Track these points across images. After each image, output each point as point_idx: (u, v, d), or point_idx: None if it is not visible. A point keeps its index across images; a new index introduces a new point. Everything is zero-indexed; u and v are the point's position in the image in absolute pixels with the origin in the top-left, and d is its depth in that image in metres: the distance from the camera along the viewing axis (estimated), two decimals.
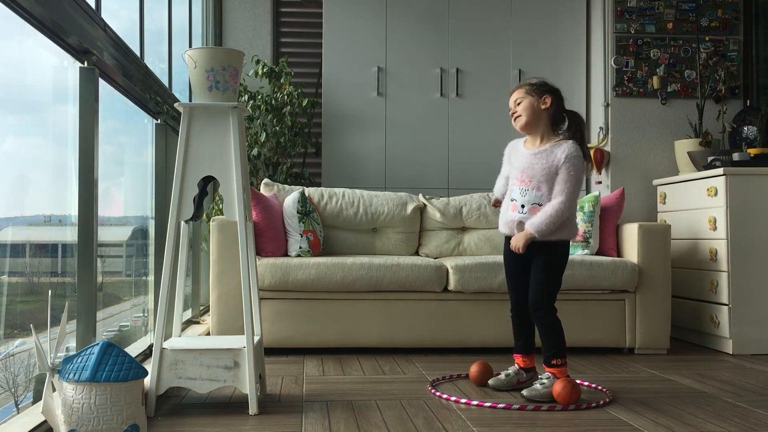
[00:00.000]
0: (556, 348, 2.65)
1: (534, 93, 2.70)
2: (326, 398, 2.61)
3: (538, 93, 2.70)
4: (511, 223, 2.71)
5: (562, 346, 2.66)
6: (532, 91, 2.70)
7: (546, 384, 2.61)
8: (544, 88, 2.71)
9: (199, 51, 2.45)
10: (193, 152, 2.45)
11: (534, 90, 2.70)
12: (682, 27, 4.73)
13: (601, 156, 4.71)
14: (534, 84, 2.73)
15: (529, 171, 2.67)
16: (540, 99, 2.69)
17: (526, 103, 2.70)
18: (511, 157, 2.80)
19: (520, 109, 2.71)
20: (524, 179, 2.68)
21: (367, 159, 4.87)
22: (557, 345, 2.66)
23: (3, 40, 2.09)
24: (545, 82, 2.74)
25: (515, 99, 2.73)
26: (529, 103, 2.69)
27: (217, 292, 3.49)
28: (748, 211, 3.71)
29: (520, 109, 2.71)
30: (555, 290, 2.71)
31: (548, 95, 2.69)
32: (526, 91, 2.72)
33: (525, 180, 2.68)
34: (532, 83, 2.74)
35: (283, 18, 5.11)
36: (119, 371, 1.83)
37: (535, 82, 2.74)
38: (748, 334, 3.68)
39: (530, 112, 2.69)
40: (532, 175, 2.67)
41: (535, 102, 2.69)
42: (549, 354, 2.66)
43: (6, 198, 2.11)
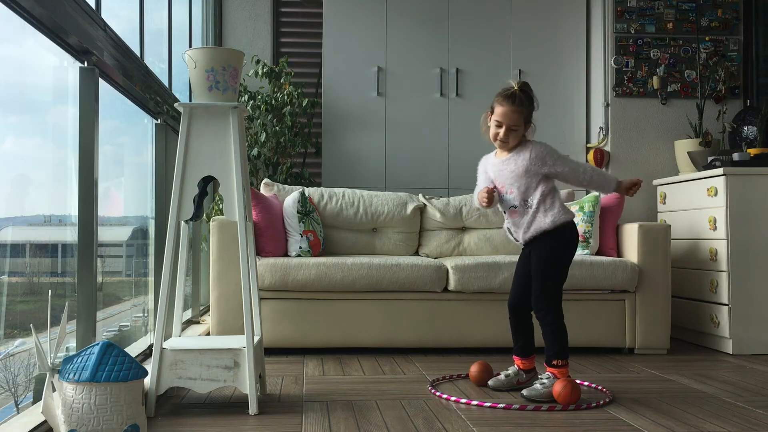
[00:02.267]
0: (559, 349, 2.65)
1: (528, 119, 2.68)
2: (326, 398, 2.61)
3: (529, 118, 2.69)
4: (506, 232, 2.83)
5: (565, 347, 2.66)
6: (526, 120, 2.67)
7: (546, 384, 2.61)
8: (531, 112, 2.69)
9: (199, 51, 2.45)
10: (193, 152, 2.45)
11: (527, 118, 2.68)
12: (682, 27, 4.73)
13: (601, 156, 4.71)
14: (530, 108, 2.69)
15: (500, 178, 2.73)
16: (528, 122, 2.69)
17: (519, 133, 2.67)
18: (487, 169, 2.82)
19: (511, 139, 2.67)
20: (501, 187, 2.74)
21: (367, 159, 4.87)
22: (560, 346, 2.65)
23: (3, 40, 2.09)
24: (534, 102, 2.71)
25: (513, 123, 2.65)
26: (520, 134, 2.68)
27: (217, 292, 3.49)
28: (748, 211, 3.71)
29: (511, 138, 2.67)
30: (556, 285, 2.69)
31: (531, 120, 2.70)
32: (524, 119, 2.67)
33: (501, 187, 2.74)
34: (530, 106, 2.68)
35: (283, 18, 5.11)
36: (119, 371, 1.83)
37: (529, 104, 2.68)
38: (748, 334, 3.68)
39: (518, 140, 2.69)
40: (502, 182, 2.72)
41: (524, 130, 2.69)
42: (551, 354, 2.66)
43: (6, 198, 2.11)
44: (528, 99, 2.68)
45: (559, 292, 2.70)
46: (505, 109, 2.66)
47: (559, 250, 2.71)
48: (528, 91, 2.70)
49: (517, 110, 2.65)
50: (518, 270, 2.83)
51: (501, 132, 2.67)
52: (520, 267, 2.82)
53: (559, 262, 2.71)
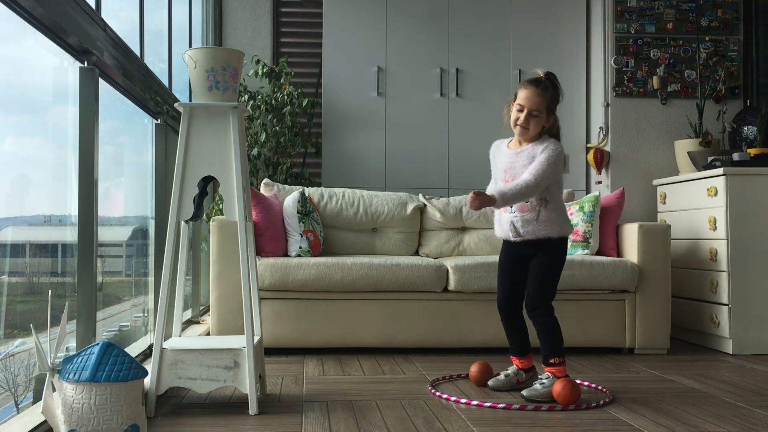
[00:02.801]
0: (554, 346, 2.65)
1: (550, 110, 2.64)
2: (326, 398, 2.61)
3: (552, 111, 2.65)
4: (506, 225, 2.73)
5: (560, 344, 2.66)
6: (550, 109, 2.63)
7: (546, 384, 2.61)
8: (555, 103, 2.65)
9: (199, 51, 2.45)
10: (193, 152, 2.45)
11: (551, 107, 2.64)
12: (682, 27, 4.73)
13: (601, 156, 4.71)
14: (554, 98, 2.65)
15: (511, 171, 2.69)
16: (549, 118, 2.65)
17: (538, 122, 2.63)
18: (496, 158, 2.79)
19: (531, 125, 2.62)
20: (507, 179, 2.69)
21: (367, 159, 4.87)
22: (555, 343, 2.66)
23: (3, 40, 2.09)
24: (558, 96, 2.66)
25: (536, 107, 2.61)
26: (540, 122, 2.63)
27: (217, 292, 3.49)
28: (748, 211, 3.71)
29: (532, 125, 2.62)
30: (553, 288, 2.71)
31: (554, 112, 2.67)
32: (546, 106, 2.62)
33: (508, 180, 2.68)
34: (554, 93, 2.65)
35: (283, 18, 5.11)
36: (119, 371, 1.83)
37: (552, 93, 2.64)
38: (748, 334, 3.68)
39: (536, 130, 2.64)
40: (513, 173, 2.67)
41: (546, 120, 2.65)
42: (547, 353, 2.66)
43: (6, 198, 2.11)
44: (553, 86, 2.65)
45: (554, 293, 2.72)
46: (528, 92, 2.62)
47: (560, 256, 2.74)
48: (553, 80, 2.67)
49: (540, 94, 2.61)
50: (505, 272, 2.81)
51: (522, 116, 2.63)
52: (507, 269, 2.80)
53: (560, 268, 2.74)
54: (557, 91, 2.66)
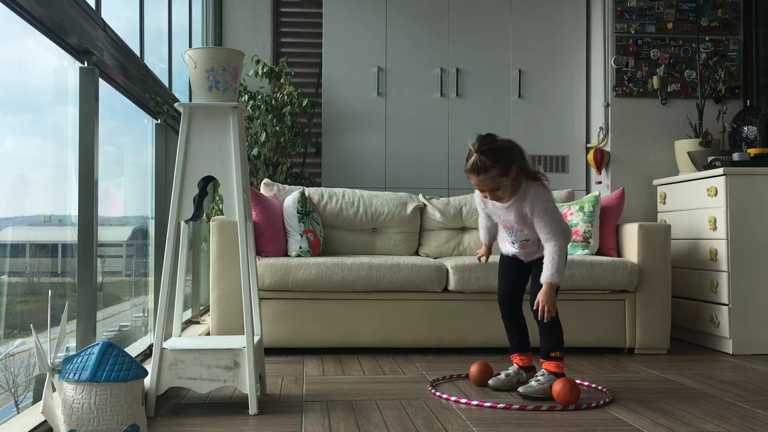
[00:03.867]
0: (555, 340, 2.68)
1: (505, 173, 2.53)
2: (326, 398, 2.61)
3: (506, 170, 2.53)
4: (510, 251, 2.83)
5: (559, 338, 2.69)
6: (503, 173, 2.52)
7: (542, 381, 2.61)
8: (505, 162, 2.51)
9: (199, 51, 2.45)
10: (193, 152, 2.45)
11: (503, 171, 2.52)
12: (682, 27, 4.73)
13: (601, 156, 4.71)
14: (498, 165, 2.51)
15: (508, 221, 2.71)
16: (509, 173, 2.55)
17: (505, 187, 2.57)
18: (486, 205, 2.77)
19: (501, 195, 2.59)
20: (506, 225, 2.75)
21: (367, 159, 4.87)
22: (556, 337, 2.68)
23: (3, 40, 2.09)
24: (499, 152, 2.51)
25: (491, 187, 2.55)
26: (506, 184, 2.57)
27: (217, 292, 3.49)
28: (748, 211, 3.71)
29: (500, 194, 2.58)
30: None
31: (513, 165, 2.54)
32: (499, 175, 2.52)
33: (507, 226, 2.74)
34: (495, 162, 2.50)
35: (283, 18, 5.11)
36: (119, 371, 1.83)
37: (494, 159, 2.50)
38: (748, 334, 3.68)
39: (510, 190, 2.60)
40: (511, 223, 2.71)
41: (509, 179, 2.56)
42: (548, 347, 2.68)
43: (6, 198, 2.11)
44: (493, 157, 2.50)
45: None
46: (475, 180, 2.57)
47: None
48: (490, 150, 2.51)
49: (484, 177, 2.53)
50: (506, 269, 2.87)
51: (489, 196, 2.62)
52: (509, 265, 2.85)
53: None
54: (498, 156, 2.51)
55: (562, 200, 4.18)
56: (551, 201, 2.64)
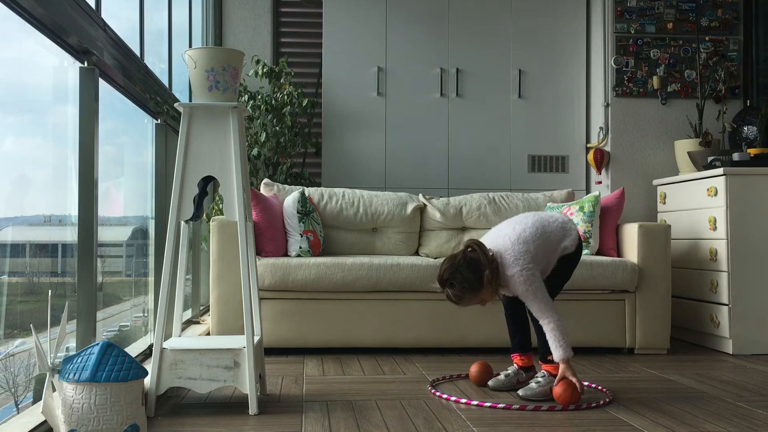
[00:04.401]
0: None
1: (478, 289, 2.52)
2: (326, 398, 2.61)
3: (480, 285, 2.52)
4: None
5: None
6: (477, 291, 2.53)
7: (542, 382, 2.61)
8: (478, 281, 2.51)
9: (199, 51, 2.45)
10: (193, 152, 2.45)
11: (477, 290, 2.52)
12: (682, 27, 4.73)
13: (601, 156, 4.71)
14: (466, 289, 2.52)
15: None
16: (483, 288, 2.53)
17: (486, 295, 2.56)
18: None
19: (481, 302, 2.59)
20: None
21: (367, 159, 4.87)
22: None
23: (3, 40, 2.09)
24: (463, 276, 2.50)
25: (477, 303, 2.58)
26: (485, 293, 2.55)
27: (217, 292, 3.49)
28: (748, 211, 3.71)
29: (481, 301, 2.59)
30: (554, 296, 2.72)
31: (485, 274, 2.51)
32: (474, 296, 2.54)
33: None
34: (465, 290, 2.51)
35: (283, 18, 5.11)
36: (119, 371, 1.83)
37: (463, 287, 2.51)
38: (748, 334, 3.68)
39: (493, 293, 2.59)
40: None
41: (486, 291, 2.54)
42: (544, 351, 2.66)
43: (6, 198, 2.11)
44: (461, 285, 2.51)
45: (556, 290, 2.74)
46: (451, 302, 2.60)
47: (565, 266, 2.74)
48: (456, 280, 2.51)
49: (464, 305, 2.58)
50: None
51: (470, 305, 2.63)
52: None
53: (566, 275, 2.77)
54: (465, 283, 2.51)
55: (562, 200, 4.18)
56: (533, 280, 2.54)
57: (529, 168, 4.93)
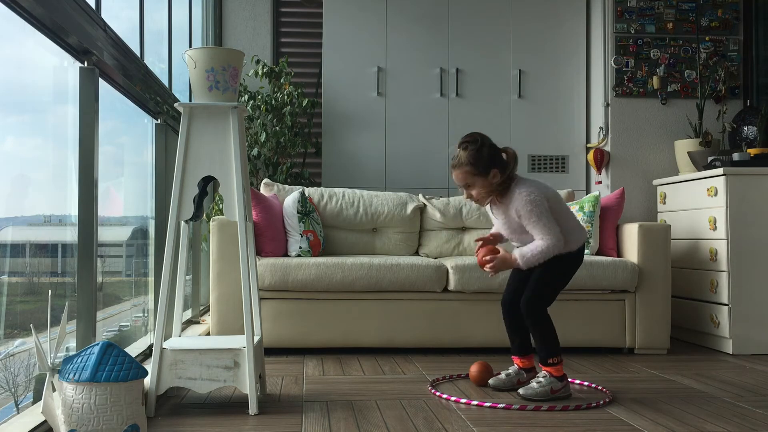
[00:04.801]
0: (550, 347, 2.66)
1: (481, 173, 2.55)
2: (326, 398, 2.61)
3: (485, 170, 2.54)
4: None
5: (555, 344, 2.67)
6: (478, 172, 2.55)
7: (543, 383, 2.61)
8: (485, 161, 2.54)
9: (199, 51, 2.45)
10: (193, 152, 2.45)
11: (480, 170, 2.54)
12: (682, 27, 4.73)
13: (601, 156, 4.71)
14: (475, 161, 2.54)
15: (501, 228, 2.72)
16: (488, 175, 2.55)
17: (479, 188, 2.57)
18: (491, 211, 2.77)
19: (475, 195, 2.59)
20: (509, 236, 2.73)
21: (367, 159, 4.87)
22: (550, 343, 2.67)
23: (3, 40, 2.09)
24: (480, 149, 2.54)
25: (463, 184, 2.59)
26: (481, 186, 2.57)
27: (217, 292, 3.49)
28: (748, 211, 3.71)
29: (474, 194, 2.59)
30: (550, 297, 2.71)
31: (492, 169, 2.54)
32: (473, 173, 2.55)
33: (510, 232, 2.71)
34: (472, 158, 2.54)
35: (283, 18, 5.11)
36: (119, 371, 1.83)
37: (473, 156, 2.54)
38: (748, 334, 3.68)
39: (485, 193, 2.59)
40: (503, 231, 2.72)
41: (485, 181, 2.56)
42: (544, 354, 2.67)
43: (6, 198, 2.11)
44: (471, 154, 2.54)
45: (550, 296, 2.72)
46: (453, 174, 2.62)
47: (563, 269, 2.72)
48: (469, 142, 2.56)
49: (457, 170, 2.58)
50: (513, 272, 2.85)
51: (465, 194, 2.63)
52: (515, 270, 2.82)
53: (561, 279, 2.74)
54: (476, 155, 2.54)
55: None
56: (539, 203, 2.55)
57: (529, 168, 4.93)
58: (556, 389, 2.62)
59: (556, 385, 2.62)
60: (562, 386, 2.63)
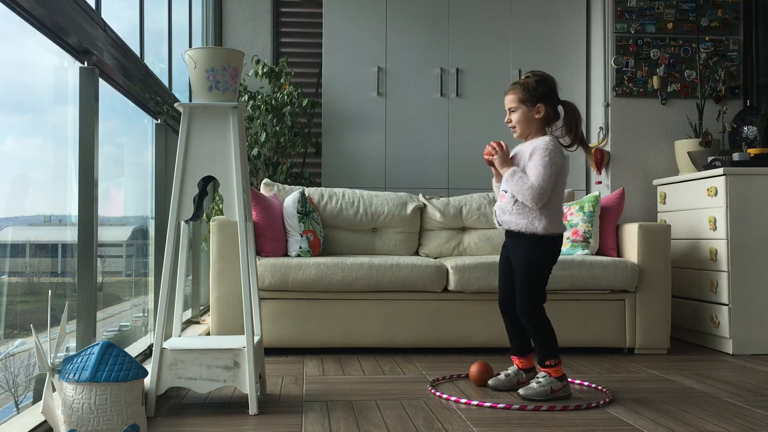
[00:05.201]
0: (548, 348, 2.66)
1: (528, 102, 2.64)
2: (326, 398, 2.61)
3: (532, 101, 2.64)
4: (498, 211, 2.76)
5: (553, 345, 2.67)
6: (526, 99, 2.64)
7: (542, 383, 2.61)
8: (537, 94, 2.64)
9: (199, 51, 2.45)
10: (193, 152, 2.45)
11: (528, 98, 2.64)
12: (682, 27, 4.73)
13: (601, 156, 4.71)
14: (529, 88, 2.65)
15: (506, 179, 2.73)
16: (533, 108, 2.64)
17: (520, 114, 2.66)
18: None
19: (514, 120, 2.68)
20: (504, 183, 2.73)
21: (367, 159, 4.87)
22: (548, 345, 2.66)
23: (3, 40, 2.09)
24: (539, 82, 2.65)
25: (509, 106, 2.69)
26: (523, 114, 2.65)
27: (217, 292, 3.49)
28: (748, 211, 3.71)
29: (514, 120, 2.68)
30: (539, 291, 2.69)
31: (542, 104, 2.64)
32: (520, 99, 2.65)
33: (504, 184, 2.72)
34: (528, 85, 2.65)
35: (283, 18, 5.11)
36: (119, 371, 1.83)
37: (530, 84, 2.65)
38: (748, 334, 3.68)
39: (524, 124, 2.67)
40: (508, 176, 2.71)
41: (528, 112, 2.65)
42: (541, 355, 2.67)
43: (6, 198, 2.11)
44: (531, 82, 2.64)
45: (540, 293, 2.70)
46: (505, 96, 2.72)
47: (537, 254, 2.69)
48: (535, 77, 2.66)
49: (510, 92, 2.68)
50: (501, 273, 2.84)
51: (507, 116, 2.71)
52: (502, 270, 2.82)
53: (538, 265, 2.70)
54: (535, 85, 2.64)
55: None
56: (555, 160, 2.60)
57: None
58: (557, 389, 2.62)
59: (556, 385, 2.62)
60: (562, 386, 2.63)
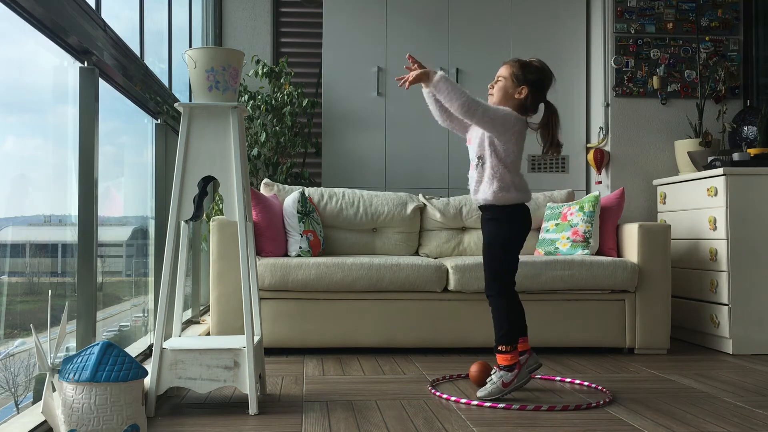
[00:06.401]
0: (505, 333, 2.62)
1: (516, 78, 2.67)
2: (326, 398, 2.61)
3: (520, 80, 2.66)
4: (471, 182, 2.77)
5: (513, 330, 2.61)
6: (517, 76, 2.67)
7: (494, 380, 2.59)
8: (529, 77, 2.66)
9: (199, 51, 2.45)
10: (193, 152, 2.45)
11: (519, 75, 2.67)
12: (682, 27, 4.73)
13: (601, 156, 4.71)
14: (524, 68, 2.68)
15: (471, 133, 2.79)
16: (518, 87, 2.67)
17: (502, 85, 2.69)
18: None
19: (496, 88, 2.71)
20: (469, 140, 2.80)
21: (367, 159, 4.87)
22: (506, 330, 2.61)
23: (3, 40, 2.09)
24: (537, 70, 2.67)
25: (499, 74, 2.72)
26: (505, 87, 2.68)
27: (217, 292, 3.49)
28: (748, 211, 3.71)
29: (495, 87, 2.71)
30: (507, 266, 2.66)
31: (526, 87, 2.66)
32: (512, 73, 2.68)
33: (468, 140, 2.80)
34: (525, 66, 2.68)
35: (283, 18, 5.11)
36: (119, 371, 1.83)
37: (528, 66, 2.68)
38: (748, 334, 3.68)
39: (502, 94, 2.69)
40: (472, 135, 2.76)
41: (512, 87, 2.67)
42: (496, 338, 2.64)
43: (6, 198, 2.11)
44: (529, 65, 2.68)
45: (508, 274, 2.66)
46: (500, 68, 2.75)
47: (506, 231, 2.67)
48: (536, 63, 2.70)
49: (506, 65, 2.71)
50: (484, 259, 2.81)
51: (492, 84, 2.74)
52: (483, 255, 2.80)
53: (505, 243, 2.67)
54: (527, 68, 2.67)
55: (562, 200, 4.18)
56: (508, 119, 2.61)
57: (529, 168, 4.93)
58: (507, 382, 2.58)
59: (507, 378, 2.58)
60: (513, 376, 2.59)
